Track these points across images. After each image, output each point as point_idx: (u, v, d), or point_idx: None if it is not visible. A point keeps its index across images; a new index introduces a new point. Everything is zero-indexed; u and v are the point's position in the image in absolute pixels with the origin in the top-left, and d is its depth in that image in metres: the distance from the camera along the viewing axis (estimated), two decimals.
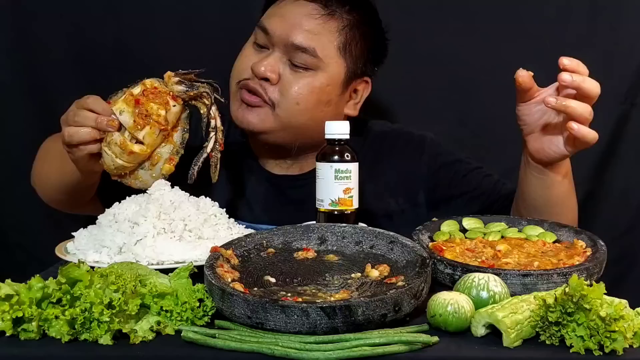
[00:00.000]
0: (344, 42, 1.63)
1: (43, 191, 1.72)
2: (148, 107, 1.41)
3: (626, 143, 2.17)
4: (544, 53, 2.07)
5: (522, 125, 1.43)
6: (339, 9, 1.63)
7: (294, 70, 1.60)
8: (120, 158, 1.42)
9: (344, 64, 1.64)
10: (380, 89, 1.86)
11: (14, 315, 0.99)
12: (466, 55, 2.14)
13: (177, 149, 1.48)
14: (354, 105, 1.71)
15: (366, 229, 1.30)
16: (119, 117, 1.40)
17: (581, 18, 2.13)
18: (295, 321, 0.99)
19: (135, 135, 1.41)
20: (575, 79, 1.30)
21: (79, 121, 1.40)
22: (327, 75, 1.62)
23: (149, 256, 1.27)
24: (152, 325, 1.02)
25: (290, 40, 1.59)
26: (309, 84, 1.60)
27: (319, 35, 1.60)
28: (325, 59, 1.60)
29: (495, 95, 2.12)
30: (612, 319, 0.95)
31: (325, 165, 1.38)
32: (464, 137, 2.14)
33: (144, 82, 1.45)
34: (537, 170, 1.46)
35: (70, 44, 2.16)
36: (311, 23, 1.60)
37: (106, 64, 2.15)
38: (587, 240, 1.32)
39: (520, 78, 1.36)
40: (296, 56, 1.59)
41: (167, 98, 1.44)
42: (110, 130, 1.40)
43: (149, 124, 1.41)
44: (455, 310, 1.02)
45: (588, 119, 1.32)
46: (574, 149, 1.38)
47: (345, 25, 1.63)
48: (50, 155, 1.66)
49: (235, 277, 1.14)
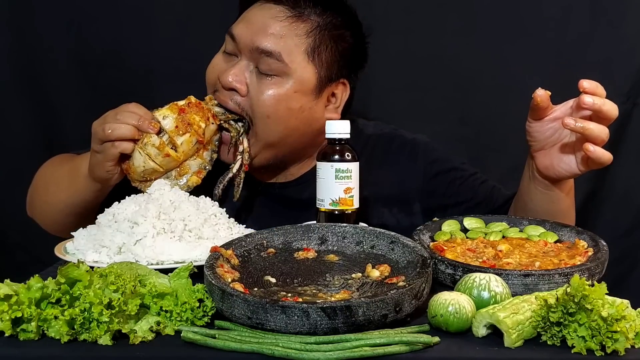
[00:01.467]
0: (313, 45, 1.55)
1: (47, 217, 1.69)
2: (191, 118, 1.49)
3: (628, 143, 2.17)
4: (545, 53, 2.07)
5: (532, 142, 1.42)
6: (308, 9, 1.56)
7: (260, 78, 1.54)
8: (154, 160, 1.47)
9: (314, 69, 1.56)
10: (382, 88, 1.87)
11: (13, 316, 0.99)
12: (467, 55, 2.14)
13: (205, 164, 1.54)
14: (335, 109, 1.64)
15: (367, 229, 1.29)
16: (162, 121, 1.47)
17: (583, 17, 2.12)
18: (295, 322, 0.98)
19: (174, 139, 1.48)
20: (596, 102, 1.29)
21: (121, 119, 1.44)
22: (294, 81, 1.54)
23: (148, 256, 1.27)
24: (152, 325, 1.02)
25: (254, 44, 1.53)
26: (275, 93, 1.53)
27: (284, 39, 1.53)
28: (291, 64, 1.53)
29: (496, 94, 2.13)
30: (613, 319, 0.94)
31: (326, 165, 1.38)
32: (465, 136, 2.14)
33: (189, 97, 1.53)
34: (543, 186, 1.45)
35: (69, 43, 2.17)
36: (276, 26, 1.54)
37: (105, 63, 2.15)
38: (588, 240, 1.32)
39: (538, 97, 1.34)
40: (261, 62, 1.53)
41: (209, 115, 1.52)
42: (151, 132, 1.45)
43: (189, 132, 1.48)
44: (457, 311, 1.01)
45: (604, 141, 1.32)
46: (587, 168, 1.38)
47: (314, 27, 1.56)
48: (56, 177, 1.65)
49: (235, 277, 1.14)
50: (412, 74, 2.16)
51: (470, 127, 2.17)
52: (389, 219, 1.68)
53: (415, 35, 2.14)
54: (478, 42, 2.14)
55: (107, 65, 2.15)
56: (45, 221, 1.70)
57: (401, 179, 1.69)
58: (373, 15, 1.73)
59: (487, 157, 2.07)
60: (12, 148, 2.20)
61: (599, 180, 2.18)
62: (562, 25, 2.13)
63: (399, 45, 2.08)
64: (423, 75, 2.16)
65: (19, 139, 2.19)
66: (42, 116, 2.17)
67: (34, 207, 1.71)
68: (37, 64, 2.17)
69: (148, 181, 1.50)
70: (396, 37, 1.79)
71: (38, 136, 2.12)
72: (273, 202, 1.70)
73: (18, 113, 2.19)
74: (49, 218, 1.68)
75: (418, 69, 2.16)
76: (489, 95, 2.15)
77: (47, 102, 2.16)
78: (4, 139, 2.20)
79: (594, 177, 2.17)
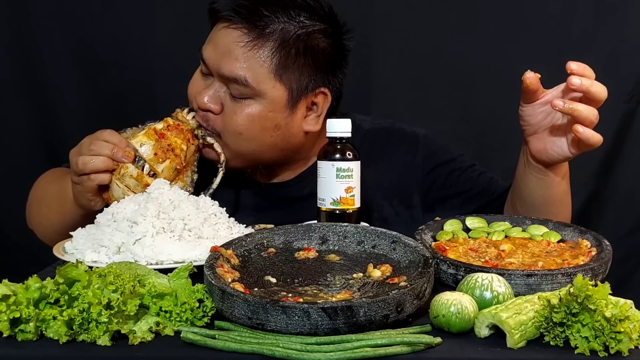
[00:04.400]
0: (278, 63, 1.51)
1: (43, 234, 1.70)
2: (172, 142, 1.47)
3: (631, 142, 2.17)
4: (549, 51, 2.07)
5: (525, 126, 1.43)
6: (271, 24, 1.51)
7: (233, 100, 1.53)
8: (133, 190, 1.44)
9: (283, 87, 1.53)
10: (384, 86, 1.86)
11: (11, 316, 0.98)
12: (469, 53, 2.14)
13: (187, 187, 1.52)
14: (316, 118, 1.60)
15: (368, 229, 1.29)
16: (139, 149, 1.45)
17: (586, 15, 2.12)
18: (296, 322, 0.98)
19: (155, 168, 1.45)
20: (584, 83, 1.30)
21: (94, 150, 1.43)
22: (267, 102, 1.52)
23: (148, 256, 1.26)
24: (151, 326, 1.01)
25: (220, 71, 1.52)
26: (249, 114, 1.52)
27: (248, 63, 1.50)
28: (259, 87, 1.51)
29: (498, 92, 2.13)
30: (617, 320, 0.94)
31: (327, 164, 1.37)
32: (467, 134, 2.13)
33: (167, 120, 1.51)
34: (538, 171, 1.46)
35: (68, 42, 2.16)
36: (238, 52, 1.50)
37: (104, 60, 2.16)
38: (592, 240, 1.32)
39: (527, 80, 1.35)
40: (231, 87, 1.52)
41: (189, 136, 1.51)
42: (125, 161, 1.43)
43: (169, 158, 1.46)
44: (459, 311, 1.01)
45: (594, 122, 1.33)
46: (578, 151, 1.39)
47: (277, 45, 1.51)
48: (47, 198, 1.65)
49: (235, 277, 1.13)
50: (414, 72, 2.16)
51: (473, 126, 2.17)
52: (388, 211, 1.69)
53: (418, 33, 2.14)
54: (481, 40, 2.14)
55: (107, 64, 2.16)
56: (43, 237, 1.71)
57: (401, 172, 1.70)
58: (374, 12, 1.72)
59: (489, 156, 2.08)
60: (11, 148, 2.20)
61: (603, 179, 2.18)
62: (565, 23, 2.13)
63: (401, 43, 2.08)
64: (425, 73, 2.16)
65: (18, 138, 2.19)
66: (42, 116, 2.17)
67: (31, 222, 1.73)
68: (36, 63, 2.17)
69: None
70: (398, 34, 1.79)
71: (37, 136, 2.12)
72: (274, 201, 1.69)
73: (17, 113, 2.19)
74: (45, 235, 1.69)
75: (420, 66, 2.16)
76: (491, 94, 2.15)
77: (47, 102, 2.16)
78: (3, 138, 2.20)
79: (597, 176, 2.17)
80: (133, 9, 2.15)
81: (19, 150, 2.18)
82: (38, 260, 1.52)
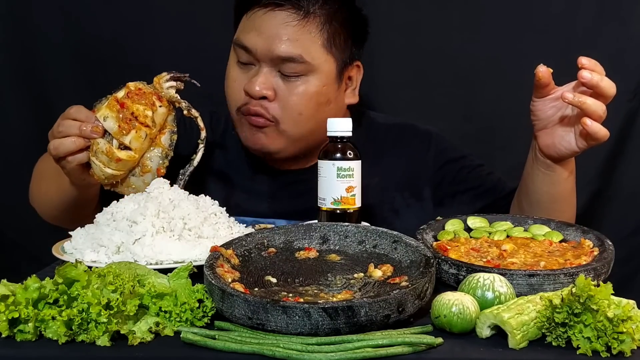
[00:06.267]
0: (327, 38, 1.60)
1: (43, 210, 1.71)
2: (134, 109, 1.41)
3: (634, 141, 2.16)
4: (552, 49, 2.06)
5: (535, 121, 1.46)
6: (312, 6, 1.59)
7: (286, 81, 1.58)
8: (108, 167, 1.41)
9: (333, 59, 1.61)
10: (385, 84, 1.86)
11: (10, 316, 0.98)
12: (472, 51, 2.13)
13: (166, 151, 1.48)
14: (352, 92, 1.70)
15: (369, 228, 1.28)
16: (104, 124, 1.40)
17: (589, 13, 2.12)
18: (296, 322, 0.98)
19: (122, 140, 1.40)
20: (594, 77, 1.33)
21: (63, 131, 1.41)
22: (321, 76, 1.59)
23: (147, 256, 1.26)
24: (151, 326, 1.01)
25: (274, 53, 1.56)
26: (305, 91, 1.58)
27: (300, 41, 1.57)
28: (313, 61, 1.58)
29: (500, 91, 2.12)
30: (619, 320, 0.94)
31: (328, 163, 1.37)
32: (469, 133, 2.13)
33: (128, 85, 1.44)
34: (545, 166, 1.49)
35: (68, 39, 2.16)
36: (289, 31, 1.56)
37: (103, 58, 2.16)
38: (594, 240, 1.32)
39: (540, 73, 1.39)
40: (285, 66, 1.57)
41: (153, 99, 1.44)
42: (95, 137, 1.40)
43: (134, 128, 1.41)
44: (460, 311, 1.00)
45: (602, 117, 1.36)
46: (585, 145, 1.41)
47: (324, 21, 1.59)
48: (46, 174, 1.65)
49: (235, 277, 1.13)
50: (417, 70, 2.15)
51: (475, 124, 2.16)
52: (400, 202, 1.73)
53: (420, 31, 2.13)
54: (483, 38, 2.13)
55: (106, 60, 2.15)
56: (43, 214, 1.72)
57: (413, 166, 1.75)
58: (376, 9, 1.73)
59: (492, 154, 2.07)
60: (9, 144, 2.20)
61: (605, 179, 2.17)
62: (569, 21, 2.12)
63: (403, 41, 2.07)
64: (428, 71, 2.16)
65: (16, 135, 2.19)
66: (40, 112, 2.17)
67: (33, 200, 1.73)
68: (34, 59, 2.17)
69: (117, 184, 1.46)
70: (400, 32, 1.79)
71: (36, 134, 2.11)
72: (289, 189, 1.72)
73: (15, 109, 2.19)
74: (45, 212, 1.70)
75: (423, 64, 2.15)
76: (494, 92, 2.14)
77: (45, 98, 2.16)
78: (1, 136, 2.20)
79: (600, 176, 2.16)
80: (133, 7, 2.15)
81: (17, 148, 2.18)
82: (37, 260, 1.52)
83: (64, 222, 1.60)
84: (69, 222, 1.49)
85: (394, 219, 1.69)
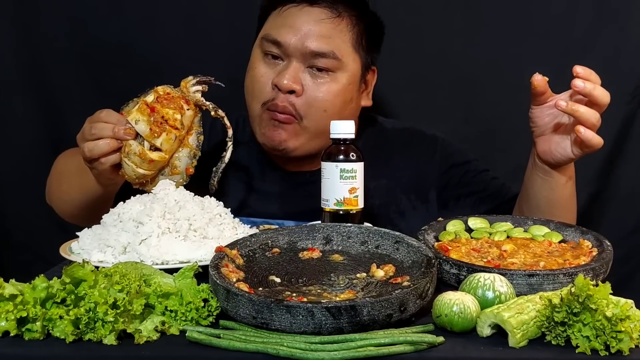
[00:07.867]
0: (355, 38, 1.65)
1: (62, 209, 1.72)
2: (164, 113, 1.44)
3: (633, 143, 2.16)
4: (551, 52, 2.07)
5: (533, 127, 1.48)
6: (342, 8, 1.64)
7: (314, 77, 1.62)
8: (140, 167, 1.44)
9: (359, 59, 1.67)
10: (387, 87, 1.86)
11: (18, 315, 0.99)
12: (472, 54, 2.14)
13: (194, 151, 1.51)
14: (367, 95, 1.75)
15: (372, 229, 1.29)
16: (135, 127, 1.43)
17: (588, 16, 2.12)
18: (300, 321, 0.98)
19: (153, 142, 1.44)
20: (587, 86, 1.35)
21: (96, 134, 1.43)
22: (347, 75, 1.64)
23: (153, 256, 1.27)
24: (157, 325, 1.02)
25: (308, 48, 1.60)
26: (331, 88, 1.62)
27: (333, 38, 1.62)
28: (344, 58, 1.63)
29: (501, 93, 2.13)
30: (618, 319, 0.94)
31: (331, 165, 1.38)
32: (470, 135, 2.13)
33: (157, 90, 1.48)
34: (543, 172, 1.50)
35: (74, 42, 2.16)
36: (323, 28, 1.62)
37: (110, 62, 2.15)
38: (593, 240, 1.32)
39: (535, 82, 1.41)
40: (316, 62, 1.61)
41: (181, 102, 1.48)
42: (128, 139, 1.43)
43: (165, 131, 1.44)
44: (461, 311, 1.01)
45: (595, 125, 1.37)
46: (580, 152, 1.43)
47: (354, 23, 1.65)
48: (67, 172, 1.66)
49: (240, 277, 1.14)
50: (418, 73, 2.15)
51: (476, 126, 2.16)
52: (406, 205, 1.75)
53: (421, 34, 2.14)
54: (484, 41, 2.13)
55: (113, 63, 2.15)
56: (62, 212, 1.73)
57: (419, 169, 1.77)
58: (378, 13, 1.74)
59: (493, 157, 2.07)
60: (18, 147, 2.20)
61: (604, 180, 2.17)
62: (567, 24, 2.12)
63: (404, 44, 2.07)
64: (429, 74, 2.16)
65: (24, 138, 2.19)
66: (48, 115, 2.17)
67: (51, 199, 1.74)
68: (42, 62, 2.17)
69: (146, 184, 1.49)
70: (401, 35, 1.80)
71: (43, 137, 2.11)
72: (300, 189, 1.73)
73: (24, 114, 2.19)
74: (65, 211, 1.72)
75: (424, 67, 2.16)
76: (494, 95, 2.14)
77: (53, 101, 2.16)
78: (9, 137, 2.20)
79: (598, 177, 2.16)
80: (139, 10, 2.15)
81: (25, 151, 2.18)
82: (44, 260, 1.53)
83: (82, 220, 1.61)
84: (87, 220, 1.50)
85: (399, 221, 1.71)
